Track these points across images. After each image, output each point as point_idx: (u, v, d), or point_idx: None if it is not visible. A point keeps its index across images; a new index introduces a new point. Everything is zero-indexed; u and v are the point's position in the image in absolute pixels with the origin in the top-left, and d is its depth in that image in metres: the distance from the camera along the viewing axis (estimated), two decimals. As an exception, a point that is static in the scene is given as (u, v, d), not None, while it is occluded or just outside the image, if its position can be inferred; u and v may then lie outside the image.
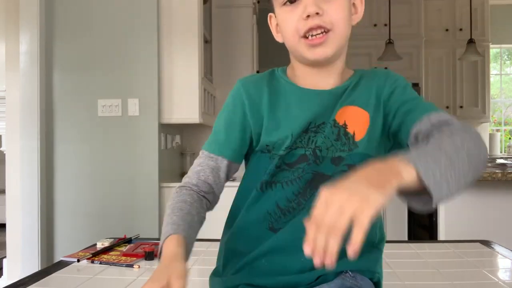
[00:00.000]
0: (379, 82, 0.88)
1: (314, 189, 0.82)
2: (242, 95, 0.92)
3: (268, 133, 0.87)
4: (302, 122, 0.85)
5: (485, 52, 5.15)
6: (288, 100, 0.88)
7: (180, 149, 3.55)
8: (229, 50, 3.71)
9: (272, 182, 0.85)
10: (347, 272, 0.83)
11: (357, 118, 0.85)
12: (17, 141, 2.81)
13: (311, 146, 0.84)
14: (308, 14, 0.80)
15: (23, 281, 1.22)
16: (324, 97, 0.87)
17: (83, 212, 2.82)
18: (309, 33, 0.81)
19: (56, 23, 2.86)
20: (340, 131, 0.84)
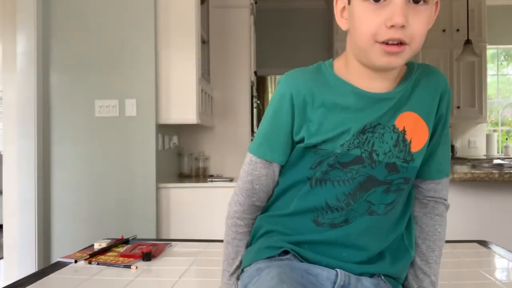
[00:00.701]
0: (442, 91, 0.87)
1: (365, 191, 0.84)
2: (288, 94, 0.85)
3: (318, 133, 0.84)
4: (358, 124, 0.82)
5: (482, 53, 5.16)
6: (343, 97, 0.84)
7: (177, 150, 3.54)
8: (226, 51, 3.71)
9: (323, 179, 0.84)
10: (380, 276, 0.87)
11: (417, 128, 0.84)
12: (14, 141, 2.81)
13: (368, 148, 0.82)
14: (394, 25, 0.73)
15: (20, 282, 1.21)
16: (385, 100, 0.84)
17: (80, 213, 2.81)
18: (387, 41, 0.76)
19: (53, 23, 2.85)
20: (399, 137, 0.83)
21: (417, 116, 0.84)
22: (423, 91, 0.85)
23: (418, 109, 0.84)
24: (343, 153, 0.82)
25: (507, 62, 6.34)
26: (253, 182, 0.90)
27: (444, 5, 5.23)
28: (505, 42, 5.81)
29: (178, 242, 1.69)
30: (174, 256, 1.50)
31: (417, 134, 0.84)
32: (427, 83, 0.86)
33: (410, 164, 0.84)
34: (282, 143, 0.88)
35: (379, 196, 0.84)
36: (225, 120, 3.71)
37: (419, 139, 0.84)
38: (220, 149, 3.70)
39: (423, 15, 0.76)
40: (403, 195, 0.88)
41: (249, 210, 0.93)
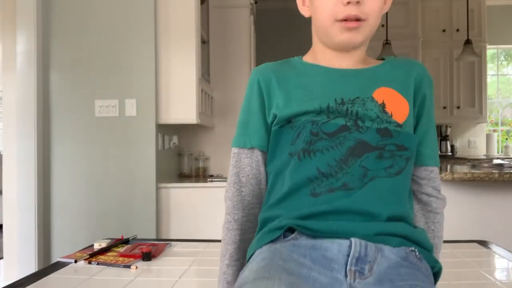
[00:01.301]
0: (418, 73, 0.89)
1: (357, 157, 0.80)
2: (256, 80, 0.91)
3: (288, 106, 0.85)
4: (332, 96, 0.83)
5: (482, 53, 5.16)
6: (311, 77, 0.87)
7: (177, 150, 3.54)
8: (226, 51, 3.71)
9: (311, 150, 0.82)
10: (414, 251, 0.78)
11: (397, 102, 0.84)
12: (13, 141, 2.81)
13: (352, 117, 0.81)
14: (349, 1, 0.80)
15: (20, 282, 1.21)
16: (355, 76, 0.86)
17: (80, 213, 2.81)
18: (345, 18, 0.82)
19: (53, 23, 2.85)
20: (379, 107, 0.83)
21: (393, 91, 0.85)
22: (397, 70, 0.88)
23: (393, 85, 0.85)
24: (324, 122, 0.81)
25: (507, 62, 6.34)
26: (239, 174, 0.91)
27: (444, 5, 5.23)
28: (505, 42, 5.81)
29: (178, 242, 1.69)
30: (174, 256, 1.50)
31: (398, 108, 0.84)
32: (401, 64, 0.90)
33: (403, 129, 0.83)
34: (258, 127, 0.89)
35: (373, 161, 0.80)
36: (225, 120, 3.71)
37: (401, 112, 0.84)
38: (220, 149, 3.70)
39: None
40: (404, 166, 0.83)
41: (239, 205, 0.90)
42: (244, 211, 0.91)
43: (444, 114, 5.23)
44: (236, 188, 0.91)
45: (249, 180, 0.90)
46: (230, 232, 0.90)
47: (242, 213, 0.90)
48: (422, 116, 0.89)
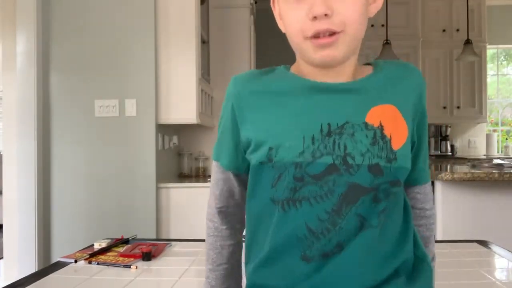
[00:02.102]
0: (418, 83, 0.79)
1: (352, 204, 0.69)
2: (231, 94, 0.79)
3: (265, 135, 0.73)
4: (318, 121, 0.71)
5: (482, 53, 5.16)
6: (295, 94, 0.74)
7: (177, 150, 3.54)
8: (226, 51, 3.71)
9: (297, 199, 0.70)
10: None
11: (396, 122, 0.73)
12: (13, 141, 2.81)
13: (340, 153, 0.69)
14: (315, 16, 0.67)
15: (20, 282, 1.21)
16: (346, 92, 0.73)
17: (80, 213, 2.81)
18: (316, 35, 0.69)
19: (53, 23, 2.85)
20: (376, 134, 0.70)
21: (392, 107, 0.73)
22: (393, 80, 0.76)
23: (396, 101, 0.73)
24: (310, 162, 0.69)
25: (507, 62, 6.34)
26: (213, 187, 0.87)
27: (444, 5, 5.23)
28: (505, 42, 5.81)
29: (178, 242, 1.69)
30: (174, 256, 1.50)
31: (397, 129, 0.72)
32: (397, 72, 0.78)
33: (393, 164, 0.70)
34: (229, 147, 0.81)
35: (369, 206, 0.70)
36: (225, 120, 3.70)
37: (400, 135, 0.72)
38: (220, 149, 3.69)
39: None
40: (396, 202, 0.74)
41: (218, 216, 0.87)
42: (222, 222, 0.87)
43: (444, 114, 5.23)
44: (212, 199, 0.88)
45: (223, 194, 0.86)
46: (210, 238, 0.87)
47: (221, 220, 0.87)
48: (421, 131, 0.80)
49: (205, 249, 0.89)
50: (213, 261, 0.86)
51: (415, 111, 0.76)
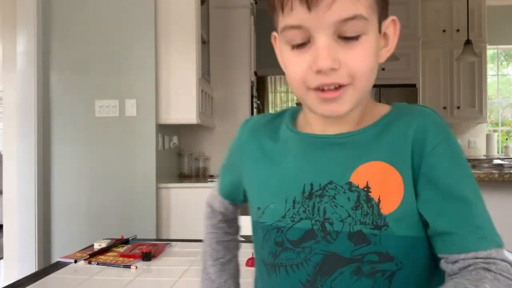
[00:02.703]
0: (417, 129, 0.61)
1: (327, 275, 0.62)
2: (238, 140, 0.78)
3: (256, 196, 0.71)
4: (301, 182, 0.65)
5: (482, 53, 5.17)
6: (286, 152, 0.69)
7: (177, 150, 3.54)
8: (226, 51, 3.71)
9: (276, 265, 0.66)
10: None
11: (387, 181, 0.60)
12: (14, 141, 2.81)
13: (319, 218, 0.63)
14: (319, 70, 0.58)
15: (20, 282, 1.21)
16: (338, 146, 0.65)
17: (80, 213, 2.81)
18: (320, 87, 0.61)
19: (53, 23, 2.85)
20: (360, 197, 0.61)
21: (384, 164, 0.61)
22: (393, 134, 0.63)
23: (384, 154, 0.61)
24: (289, 227, 0.64)
25: (507, 62, 6.34)
26: (215, 198, 0.87)
27: (444, 5, 5.23)
28: (505, 42, 5.82)
29: (178, 242, 1.68)
30: (174, 256, 1.50)
31: (388, 189, 0.60)
32: (399, 125, 0.63)
33: (383, 231, 0.59)
34: (227, 182, 0.83)
35: (349, 280, 0.61)
36: (225, 120, 3.71)
37: (392, 196, 0.60)
38: (220, 149, 3.70)
39: (360, 48, 0.59)
40: (385, 286, 0.61)
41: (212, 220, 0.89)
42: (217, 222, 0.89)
43: (444, 114, 5.23)
44: (207, 210, 0.89)
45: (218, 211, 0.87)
46: (207, 235, 0.89)
47: (216, 220, 0.88)
48: (438, 186, 0.59)
49: (203, 246, 0.90)
50: (210, 257, 0.87)
51: (416, 164, 0.60)
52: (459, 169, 0.60)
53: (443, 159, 0.60)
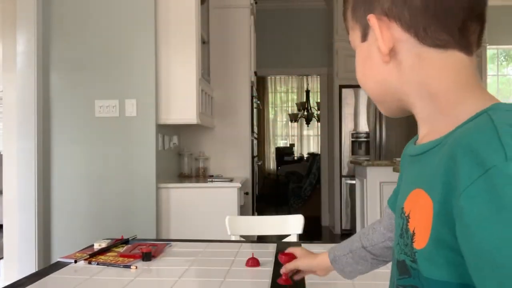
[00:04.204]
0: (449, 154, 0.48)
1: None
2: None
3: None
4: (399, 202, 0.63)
5: (482, 53, 5.17)
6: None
7: (177, 150, 3.54)
8: (226, 51, 3.71)
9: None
10: None
11: (422, 211, 0.52)
12: (14, 141, 2.81)
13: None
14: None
15: (20, 282, 1.21)
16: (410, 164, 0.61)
17: (80, 213, 2.81)
18: None
19: (53, 23, 2.85)
20: (403, 225, 0.56)
21: (422, 192, 0.53)
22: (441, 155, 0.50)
23: (427, 183, 0.52)
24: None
25: (507, 62, 6.34)
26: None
27: (444, 5, 5.24)
28: (505, 42, 5.82)
29: (178, 242, 1.69)
30: (174, 256, 1.50)
31: (422, 221, 0.52)
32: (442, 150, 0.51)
33: (419, 264, 0.52)
34: None
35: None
36: (225, 120, 3.71)
37: (423, 231, 0.51)
38: (220, 149, 3.70)
39: (356, 55, 0.66)
40: None
41: None
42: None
43: (444, 114, 5.23)
44: None
45: None
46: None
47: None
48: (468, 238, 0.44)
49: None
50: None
51: (447, 196, 0.47)
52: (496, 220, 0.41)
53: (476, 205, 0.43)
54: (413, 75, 0.57)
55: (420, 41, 0.55)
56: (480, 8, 0.55)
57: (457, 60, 0.55)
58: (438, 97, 0.55)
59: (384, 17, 0.57)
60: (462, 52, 0.55)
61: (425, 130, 0.59)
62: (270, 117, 10.00)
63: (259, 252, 1.42)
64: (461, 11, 0.54)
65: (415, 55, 0.56)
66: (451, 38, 0.55)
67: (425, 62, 0.56)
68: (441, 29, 0.54)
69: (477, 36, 0.56)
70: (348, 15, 0.65)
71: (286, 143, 10.01)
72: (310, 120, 9.28)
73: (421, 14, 0.54)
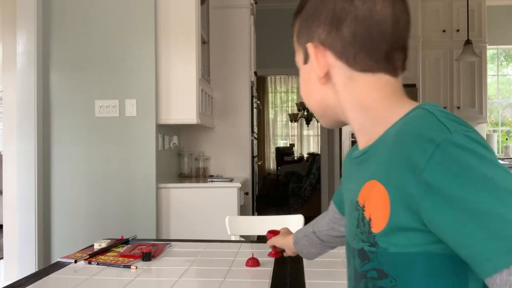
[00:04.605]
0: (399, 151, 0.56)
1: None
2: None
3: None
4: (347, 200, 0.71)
5: (482, 53, 5.17)
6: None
7: (177, 150, 3.54)
8: (226, 51, 3.71)
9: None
10: None
11: (377, 199, 0.59)
12: (14, 141, 2.81)
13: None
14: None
15: (20, 282, 1.21)
16: (356, 165, 0.68)
17: (80, 213, 2.81)
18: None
19: (53, 23, 2.85)
20: (359, 215, 0.63)
21: (375, 182, 0.60)
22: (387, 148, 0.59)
23: (379, 173, 0.59)
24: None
25: (507, 62, 6.34)
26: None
27: (444, 5, 5.23)
28: (505, 42, 5.81)
29: (178, 242, 1.69)
30: (174, 256, 1.50)
31: (377, 208, 0.59)
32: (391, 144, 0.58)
33: (377, 249, 0.58)
34: None
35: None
36: (225, 120, 3.71)
37: (380, 214, 0.58)
38: (220, 149, 3.70)
39: (300, 78, 0.76)
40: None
41: None
42: None
43: (444, 114, 5.23)
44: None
45: None
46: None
47: None
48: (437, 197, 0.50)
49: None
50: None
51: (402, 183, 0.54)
52: (464, 177, 0.48)
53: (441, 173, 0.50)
54: (347, 94, 0.66)
55: (350, 67, 0.65)
56: (403, 40, 0.65)
57: (384, 81, 0.64)
58: (369, 110, 0.65)
59: (320, 46, 0.66)
60: (388, 74, 0.64)
61: (365, 139, 0.67)
62: (270, 117, 9.99)
63: (259, 252, 1.42)
64: (386, 44, 0.63)
65: (347, 78, 0.65)
66: (377, 65, 0.64)
67: (356, 83, 0.65)
68: (368, 58, 0.63)
69: (401, 62, 0.66)
70: (294, 39, 0.74)
71: (286, 143, 10.00)
72: (310, 120, 9.28)
73: (351, 45, 0.64)
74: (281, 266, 1.34)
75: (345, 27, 0.63)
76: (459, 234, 0.48)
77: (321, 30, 0.66)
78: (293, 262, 1.38)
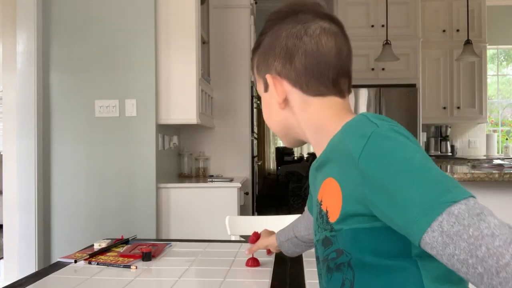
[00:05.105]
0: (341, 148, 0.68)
1: (321, 278, 0.77)
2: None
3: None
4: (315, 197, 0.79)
5: (482, 53, 5.16)
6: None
7: (177, 150, 3.54)
8: (226, 51, 3.71)
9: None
10: None
11: (331, 193, 0.69)
12: (14, 141, 2.81)
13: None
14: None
15: (20, 282, 1.21)
16: (313, 174, 0.82)
17: (80, 213, 2.81)
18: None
19: (53, 23, 2.85)
20: (319, 209, 0.73)
21: (332, 180, 0.69)
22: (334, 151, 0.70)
23: (334, 171, 0.69)
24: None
25: (507, 62, 6.34)
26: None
27: (444, 5, 5.23)
28: (505, 42, 5.81)
29: (178, 242, 1.68)
30: (174, 256, 1.50)
31: (332, 200, 0.68)
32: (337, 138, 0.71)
33: (336, 232, 0.67)
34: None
35: (327, 278, 0.72)
36: (225, 120, 3.71)
37: (335, 205, 0.67)
38: (220, 149, 3.70)
39: (262, 104, 0.86)
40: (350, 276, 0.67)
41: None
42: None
43: (444, 115, 5.23)
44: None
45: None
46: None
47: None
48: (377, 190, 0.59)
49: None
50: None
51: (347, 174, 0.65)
52: (388, 161, 0.58)
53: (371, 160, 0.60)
54: (303, 115, 0.78)
55: (304, 93, 0.76)
56: (347, 68, 0.77)
57: (334, 102, 0.76)
58: (323, 128, 0.75)
59: (277, 76, 0.78)
60: (337, 96, 0.77)
61: (316, 148, 0.79)
62: (270, 117, 9.99)
63: (259, 252, 1.42)
64: (332, 72, 0.75)
65: (302, 102, 0.77)
66: (327, 89, 0.76)
67: (310, 107, 0.77)
68: (318, 84, 0.75)
69: (347, 85, 0.78)
70: (254, 71, 0.85)
71: (286, 143, 9.99)
72: (310, 120, 9.27)
73: (303, 74, 0.75)
74: (281, 266, 1.34)
75: (297, 60, 0.75)
76: (391, 210, 0.57)
77: (277, 63, 0.78)
78: (293, 262, 1.38)
